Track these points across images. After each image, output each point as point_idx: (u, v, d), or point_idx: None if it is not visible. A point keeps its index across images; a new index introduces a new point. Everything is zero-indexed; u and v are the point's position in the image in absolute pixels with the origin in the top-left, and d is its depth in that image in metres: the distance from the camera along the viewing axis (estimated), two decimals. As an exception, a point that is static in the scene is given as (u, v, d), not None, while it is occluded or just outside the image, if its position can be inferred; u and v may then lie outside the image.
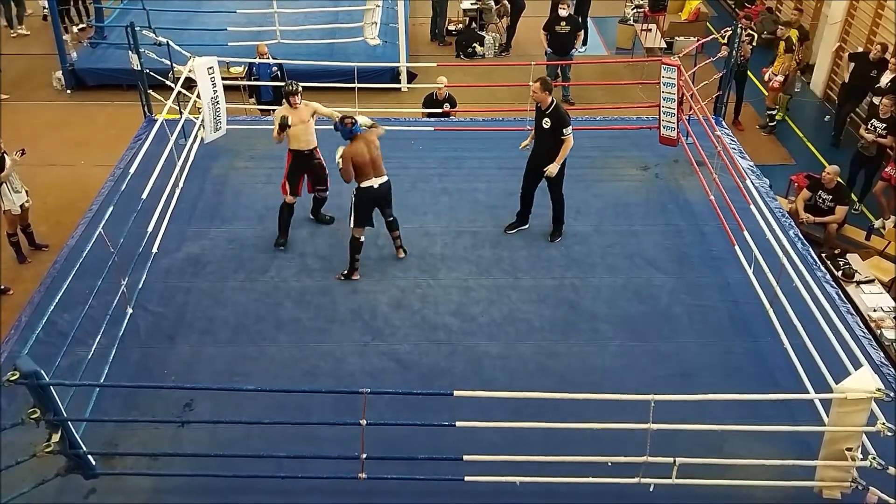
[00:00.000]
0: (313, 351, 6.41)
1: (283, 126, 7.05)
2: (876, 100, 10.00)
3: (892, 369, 6.16)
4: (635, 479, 4.95)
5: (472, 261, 7.42)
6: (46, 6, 13.20)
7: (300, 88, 7.24)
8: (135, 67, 8.76)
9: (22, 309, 6.95)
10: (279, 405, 5.64)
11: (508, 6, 14.62)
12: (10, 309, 7.47)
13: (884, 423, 4.68)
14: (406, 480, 5.01)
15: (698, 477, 5.02)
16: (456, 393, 4.96)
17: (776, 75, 11.53)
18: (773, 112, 11.77)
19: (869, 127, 9.57)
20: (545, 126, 7.14)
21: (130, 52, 8.64)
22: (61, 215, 8.26)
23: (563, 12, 11.94)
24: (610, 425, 5.07)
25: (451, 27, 14.62)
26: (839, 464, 4.81)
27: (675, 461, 4.88)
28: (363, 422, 4.66)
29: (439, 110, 10.11)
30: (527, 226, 7.77)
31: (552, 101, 7.12)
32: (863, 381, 4.68)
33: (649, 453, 4.81)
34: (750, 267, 6.79)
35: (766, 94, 11.95)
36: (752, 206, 7.03)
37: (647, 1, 14.61)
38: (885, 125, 9.45)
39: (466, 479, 4.94)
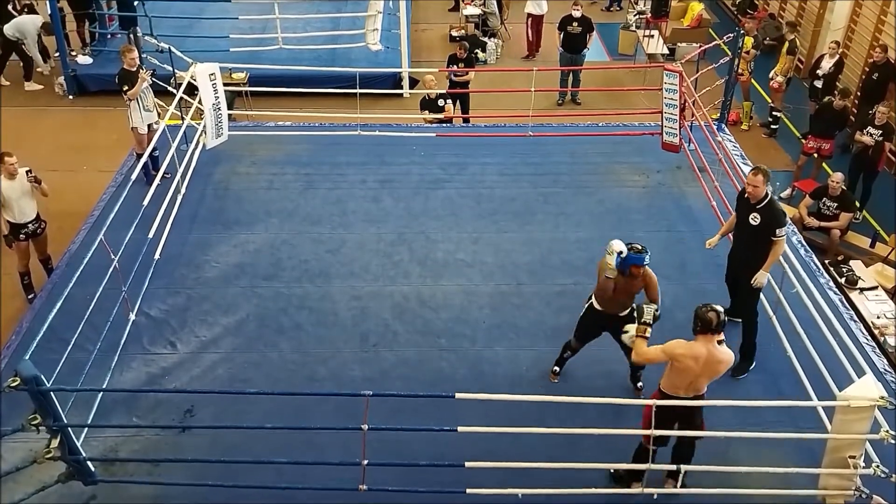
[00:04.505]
0: (315, 357, 6.40)
1: None
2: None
3: (895, 376, 6.14)
4: (638, 489, 4.93)
5: (475, 266, 7.42)
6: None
7: None
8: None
9: (23, 315, 6.96)
10: (280, 411, 5.62)
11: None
12: (12, 315, 7.46)
13: (887, 431, 4.66)
14: (407, 492, 4.95)
15: (702, 485, 5.00)
16: (458, 395, 4.92)
17: (777, 75, 11.54)
18: (778, 114, 11.75)
19: (864, 133, 9.58)
20: (752, 223, 5.97)
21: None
22: (63, 221, 8.24)
23: (575, 13, 12.17)
24: (613, 431, 5.05)
25: (454, 33, 14.63)
26: (842, 471, 4.78)
27: (679, 468, 4.86)
28: (365, 426, 4.64)
29: (441, 104, 10.11)
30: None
31: (767, 193, 5.99)
32: (866, 389, 4.67)
33: (653, 461, 4.78)
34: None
35: (769, 98, 11.95)
36: (755, 212, 7.02)
37: (649, 7, 14.62)
38: (880, 131, 9.46)
39: (468, 491, 4.90)
